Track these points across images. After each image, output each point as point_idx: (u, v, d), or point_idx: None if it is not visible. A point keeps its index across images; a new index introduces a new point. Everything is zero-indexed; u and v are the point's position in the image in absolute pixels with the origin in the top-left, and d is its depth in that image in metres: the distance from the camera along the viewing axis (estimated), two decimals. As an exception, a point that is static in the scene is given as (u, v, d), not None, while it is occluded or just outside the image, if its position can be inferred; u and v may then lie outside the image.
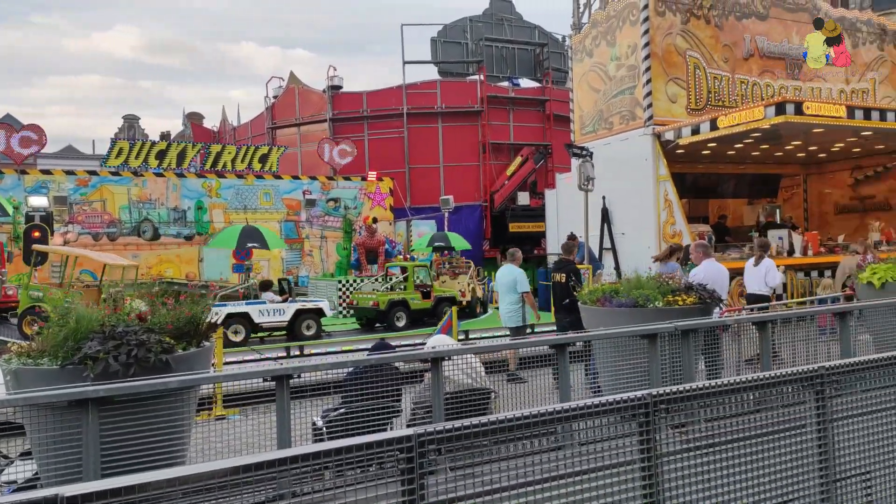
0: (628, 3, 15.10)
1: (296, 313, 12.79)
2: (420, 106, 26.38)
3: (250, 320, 12.33)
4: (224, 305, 12.27)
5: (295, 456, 1.97)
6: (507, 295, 9.52)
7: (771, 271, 9.73)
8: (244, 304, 12.70)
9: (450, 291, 16.15)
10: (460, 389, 4.89)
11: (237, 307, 12.42)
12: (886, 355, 3.47)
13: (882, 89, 17.58)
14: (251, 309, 12.45)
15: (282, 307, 12.74)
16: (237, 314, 12.18)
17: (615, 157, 15.04)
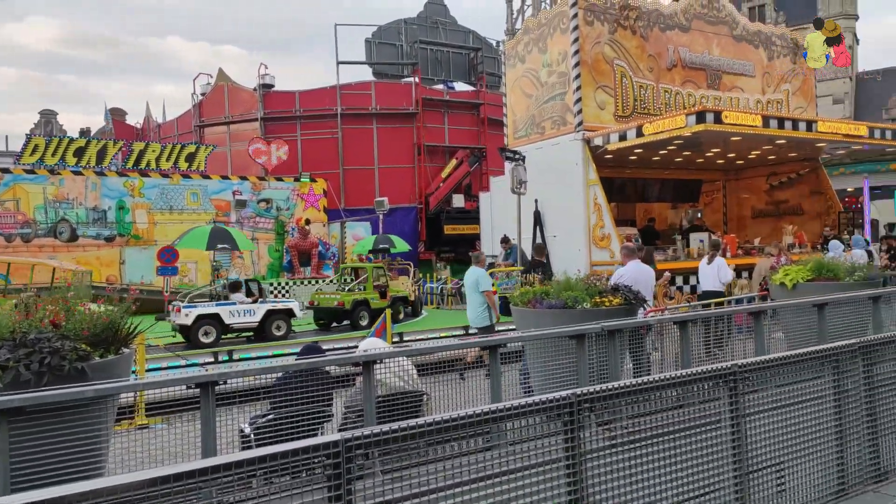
0: (559, 11, 15.45)
1: (266, 314, 12.87)
2: (354, 107, 26.17)
3: (221, 321, 12.34)
4: (194, 307, 12.25)
5: (217, 465, 1.92)
6: (473, 295, 9.70)
7: (723, 269, 10.47)
8: (214, 304, 12.62)
9: (403, 291, 16.42)
10: (393, 392, 4.88)
11: (207, 308, 12.37)
12: (795, 352, 3.68)
13: (794, 100, 18.64)
14: (222, 310, 12.43)
15: (252, 308, 12.76)
16: (207, 315, 12.18)
17: (547, 162, 15.34)
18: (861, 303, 7.11)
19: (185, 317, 11.96)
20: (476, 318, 9.69)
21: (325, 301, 14.89)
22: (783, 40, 18.72)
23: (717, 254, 10.81)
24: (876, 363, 3.92)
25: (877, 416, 3.90)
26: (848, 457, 3.73)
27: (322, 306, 14.87)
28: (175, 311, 12.21)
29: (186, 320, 11.97)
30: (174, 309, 12.37)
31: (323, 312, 14.98)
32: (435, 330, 13.59)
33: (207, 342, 11.96)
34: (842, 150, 16.82)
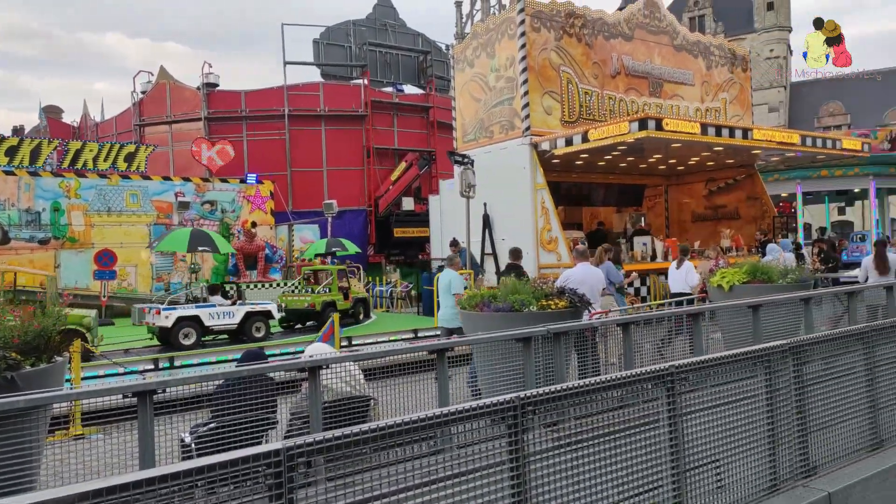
0: (506, 17, 15.63)
1: (245, 316, 13.05)
2: (302, 108, 25.84)
3: (201, 323, 12.47)
4: (174, 309, 12.35)
5: (153, 478, 1.86)
6: (446, 297, 9.78)
7: (690, 273, 10.98)
8: (194, 307, 12.68)
9: (362, 293, 16.88)
10: (339, 398, 4.84)
11: (188, 310, 12.45)
12: (729, 353, 3.82)
13: (732, 108, 19.35)
14: (202, 312, 12.55)
15: (231, 310, 12.93)
16: (188, 317, 12.31)
17: (496, 166, 15.48)
18: (793, 304, 7.42)
19: (166, 319, 12.08)
20: (448, 319, 9.81)
21: (294, 303, 15.13)
22: (721, 50, 19.42)
23: (686, 258, 11.28)
24: (805, 363, 4.11)
25: (806, 413, 4.08)
26: (779, 453, 3.89)
27: (292, 308, 15.11)
28: (155, 313, 12.24)
29: (167, 322, 12.07)
30: (153, 311, 12.35)
31: (292, 314, 15.22)
32: (384, 333, 13.54)
33: (188, 344, 12.06)
34: (776, 156, 17.55)
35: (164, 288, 20.97)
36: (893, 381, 4.91)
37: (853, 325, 5.68)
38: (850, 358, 4.62)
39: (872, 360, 4.62)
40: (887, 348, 4.87)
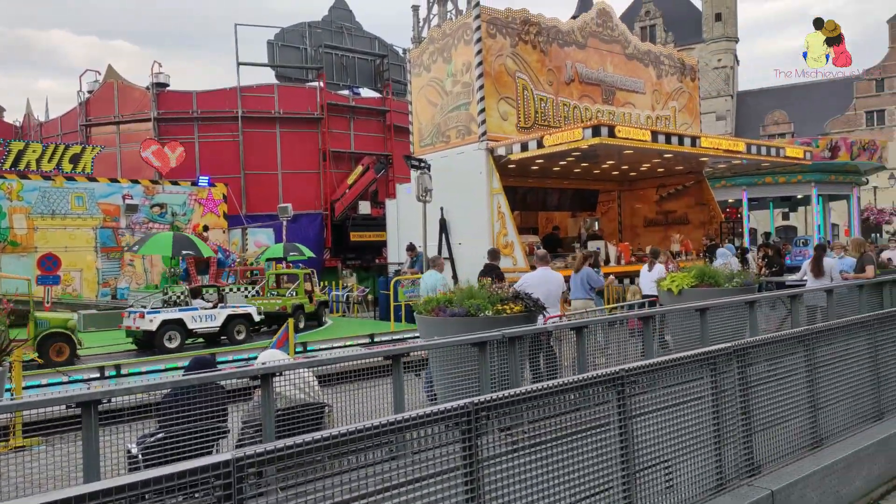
0: (463, 23, 15.72)
1: (227, 318, 13.24)
2: (256, 110, 25.46)
3: (184, 326, 12.59)
4: (158, 312, 12.46)
5: (95, 492, 1.81)
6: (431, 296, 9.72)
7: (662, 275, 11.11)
8: (178, 310, 12.79)
9: (324, 297, 17.35)
10: (293, 405, 4.77)
11: (172, 314, 12.58)
12: (676, 356, 3.92)
13: (681, 117, 19.87)
14: (185, 315, 12.68)
15: (213, 313, 13.10)
16: (172, 321, 12.44)
17: (452, 170, 15.53)
18: (739, 307, 7.66)
19: (150, 322, 12.18)
20: None
21: (266, 306, 15.41)
22: (671, 60, 19.93)
23: (657, 262, 11.59)
24: (749, 364, 4.24)
25: (750, 413, 4.21)
26: (725, 453, 4.01)
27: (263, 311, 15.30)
28: (139, 317, 12.37)
29: (151, 326, 12.16)
30: (136, 315, 12.44)
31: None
32: (340, 339, 13.43)
33: (172, 347, 12.25)
34: (723, 164, 18.08)
35: (110, 293, 20.36)
36: (832, 381, 5.11)
37: (795, 328, 5.90)
38: (791, 359, 4.80)
39: (812, 362, 4.81)
40: (826, 350, 5.07)
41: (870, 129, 56.30)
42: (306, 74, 28.37)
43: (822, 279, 10.13)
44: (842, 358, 5.33)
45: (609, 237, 19.12)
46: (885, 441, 5.19)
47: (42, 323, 11.13)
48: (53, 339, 11.04)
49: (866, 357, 5.61)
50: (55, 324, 11.22)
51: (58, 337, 11.09)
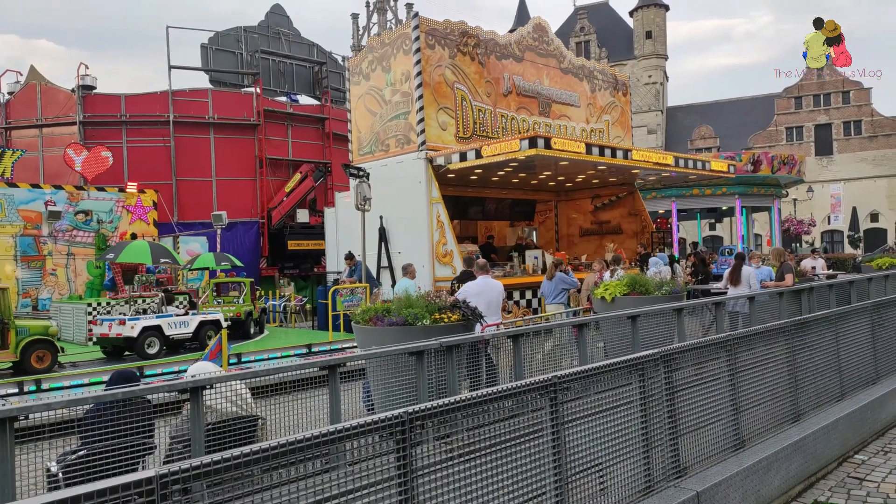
0: (402, 33, 15.78)
1: (199, 324, 13.55)
2: (188, 115, 24.74)
3: (162, 332, 12.86)
4: (138, 319, 12.72)
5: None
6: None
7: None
8: (155, 317, 13.09)
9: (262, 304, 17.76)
10: (224, 419, 4.65)
11: (151, 320, 12.86)
12: (607, 362, 4.03)
13: (614, 130, 20.50)
14: (163, 322, 12.97)
15: (186, 319, 13.44)
16: (151, 327, 12.72)
17: (392, 179, 15.52)
18: (667, 314, 7.94)
19: (131, 329, 12.43)
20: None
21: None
22: (604, 75, 20.56)
23: (619, 267, 12.00)
24: (675, 370, 4.40)
25: (677, 417, 4.37)
26: (653, 456, 4.14)
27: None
28: (119, 324, 12.55)
29: (132, 332, 12.43)
30: (117, 322, 12.59)
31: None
32: (276, 349, 13.16)
33: (152, 353, 12.56)
34: (653, 176, 18.75)
35: (31, 304, 19.34)
36: (753, 385, 5.36)
37: (719, 334, 6.15)
38: (715, 364, 5.00)
39: (734, 367, 5.03)
40: (747, 355, 5.31)
41: (789, 144, 59.53)
42: (242, 80, 27.78)
43: (740, 287, 10.62)
44: (762, 362, 5.59)
45: (546, 246, 19.49)
46: (801, 441, 5.46)
47: (22, 330, 11.19)
48: (35, 346, 11.14)
49: (784, 361, 5.91)
50: (35, 331, 11.31)
51: (39, 344, 11.18)
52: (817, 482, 5.73)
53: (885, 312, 8.23)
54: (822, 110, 60.76)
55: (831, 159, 59.83)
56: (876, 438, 7.02)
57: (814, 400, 6.28)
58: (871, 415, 6.99)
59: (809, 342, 6.36)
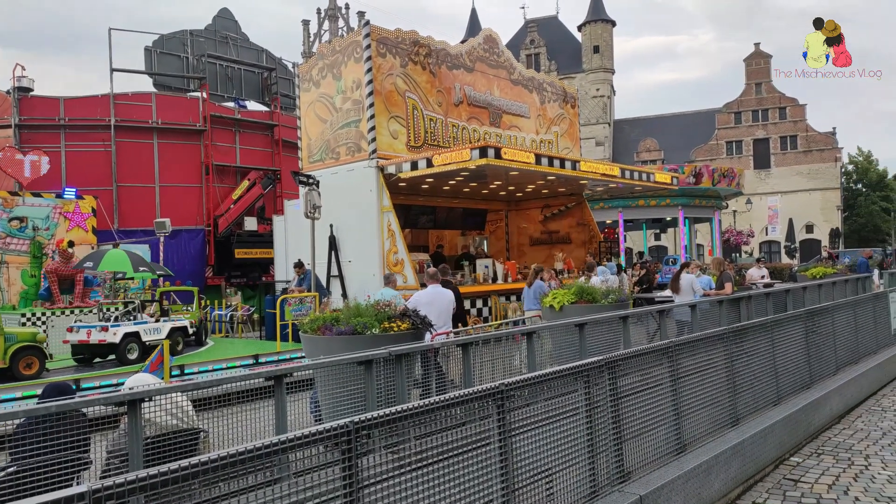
0: (353, 41, 15.72)
1: (171, 331, 13.83)
2: (131, 119, 24.02)
3: (139, 338, 13.07)
4: (119, 325, 12.92)
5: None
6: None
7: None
8: (133, 323, 13.27)
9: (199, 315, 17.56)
10: (164, 432, 4.50)
11: (131, 327, 13.07)
12: (553, 370, 4.08)
13: (563, 141, 20.86)
14: (140, 328, 13.24)
15: (159, 326, 13.71)
16: (131, 334, 12.94)
17: (342, 187, 15.40)
18: (613, 322, 8.10)
19: (114, 335, 12.67)
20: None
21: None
22: (553, 87, 20.93)
23: (592, 274, 12.24)
24: (619, 376, 4.49)
25: (621, 422, 4.45)
26: (598, 461, 4.20)
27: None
28: (103, 330, 12.74)
29: (115, 339, 12.65)
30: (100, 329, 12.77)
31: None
32: (221, 360, 12.84)
33: (132, 359, 12.74)
34: (601, 187, 19.14)
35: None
36: (694, 390, 5.51)
37: (661, 341, 6.31)
38: (658, 371, 5.13)
39: (676, 373, 5.16)
40: (688, 361, 5.47)
41: (729, 157, 61.78)
42: (187, 84, 27.15)
43: (682, 295, 10.95)
44: (703, 368, 5.76)
45: (497, 255, 19.64)
46: (739, 445, 5.64)
47: (10, 337, 11.35)
48: (24, 352, 11.35)
49: (724, 367, 6.10)
50: (23, 338, 11.51)
51: (28, 351, 11.41)
52: (755, 484, 5.93)
53: (818, 319, 8.59)
54: (761, 125, 63.33)
55: (769, 172, 62.38)
56: (810, 441, 7.31)
57: (752, 404, 6.49)
58: (806, 418, 7.28)
59: (747, 348, 6.59)
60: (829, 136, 62.28)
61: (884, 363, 10.23)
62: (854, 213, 69.16)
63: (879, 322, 10.98)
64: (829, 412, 7.96)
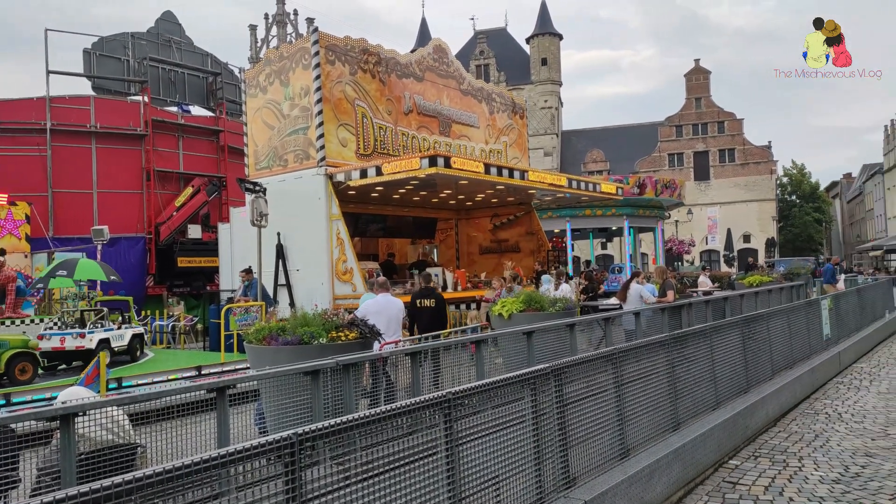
0: (301, 47, 15.56)
1: (132, 337, 14.34)
2: (68, 123, 23.12)
3: (109, 344, 13.42)
4: (93, 332, 13.30)
5: None
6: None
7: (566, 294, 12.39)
8: (104, 330, 13.60)
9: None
10: (99, 448, 4.32)
11: (102, 333, 13.44)
12: (500, 377, 4.10)
13: (511, 151, 21.12)
14: (110, 335, 13.67)
15: (122, 333, 14.16)
16: (103, 340, 13.31)
17: (290, 195, 15.19)
18: (560, 330, 8.21)
19: (90, 342, 13.05)
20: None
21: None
22: (502, 98, 21.19)
23: (563, 282, 12.43)
24: (565, 383, 4.55)
25: (567, 429, 4.51)
26: (544, 468, 4.24)
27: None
28: (80, 336, 13.07)
29: (91, 344, 13.01)
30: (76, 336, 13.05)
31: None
32: (162, 372, 12.42)
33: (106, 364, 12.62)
34: (549, 196, 19.44)
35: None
36: (637, 396, 5.63)
37: (606, 348, 6.43)
38: (603, 377, 5.22)
39: (620, 379, 5.27)
40: (632, 368, 5.58)
41: (672, 169, 63.74)
42: (128, 87, 26.32)
43: (629, 305, 11.21)
44: (645, 375, 5.90)
45: (447, 264, 19.69)
46: (680, 449, 5.79)
47: (3, 344, 11.59)
48: (18, 358, 11.62)
49: (665, 373, 6.26)
50: (15, 344, 11.76)
51: (22, 357, 11.69)
52: (696, 487, 6.09)
53: (754, 326, 8.92)
54: (701, 138, 65.60)
55: (708, 184, 64.63)
56: (748, 444, 7.56)
57: (692, 409, 6.68)
58: (744, 421, 7.53)
59: (688, 354, 6.78)
60: (764, 149, 65.01)
61: (816, 368, 10.68)
62: (789, 223, 72.31)
63: (812, 328, 11.48)
64: (766, 416, 8.26)
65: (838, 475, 6.35)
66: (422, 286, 10.95)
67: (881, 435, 7.79)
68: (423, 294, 10.49)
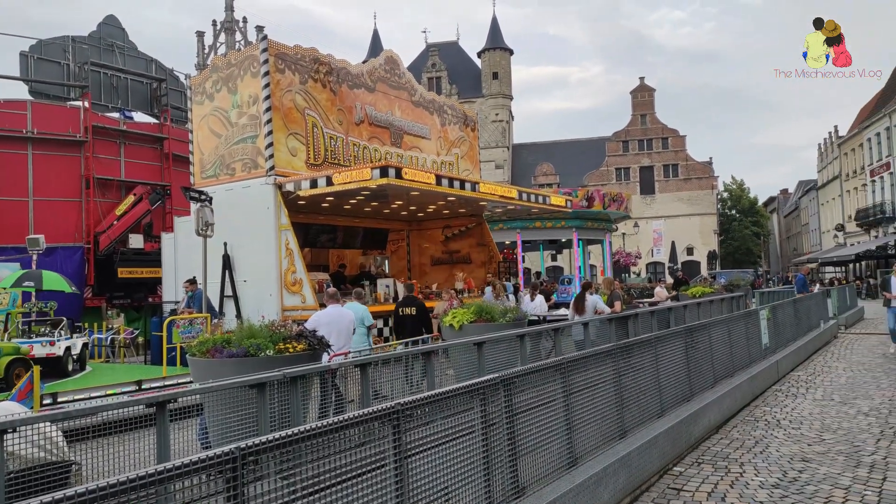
0: (249, 54, 15.32)
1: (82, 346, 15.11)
2: (3, 128, 22.16)
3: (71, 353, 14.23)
4: (60, 340, 14.02)
5: None
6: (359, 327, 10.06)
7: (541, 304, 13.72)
8: (66, 339, 14.29)
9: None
10: (30, 466, 4.12)
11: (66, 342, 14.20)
12: (449, 388, 4.09)
13: (463, 163, 21.24)
14: (69, 343, 14.35)
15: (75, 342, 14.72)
16: (68, 347, 14.15)
17: (238, 204, 14.88)
18: (511, 340, 8.27)
19: (59, 349, 13.78)
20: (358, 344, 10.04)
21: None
22: (454, 110, 21.32)
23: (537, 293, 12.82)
24: (514, 393, 4.57)
25: (516, 439, 4.52)
26: (494, 478, 4.24)
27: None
28: (50, 344, 13.72)
29: (59, 351, 13.75)
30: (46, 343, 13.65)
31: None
32: (100, 387, 11.93)
33: (71, 370, 14.01)
34: (500, 208, 19.61)
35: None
36: (585, 405, 5.70)
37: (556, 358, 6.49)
38: (552, 387, 5.26)
39: (568, 388, 5.32)
40: (579, 377, 5.65)
41: (619, 183, 65.31)
42: (67, 92, 25.41)
43: (586, 316, 11.36)
44: (593, 384, 5.97)
45: (398, 275, 19.61)
46: (626, 457, 5.88)
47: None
48: (14, 365, 12.07)
49: (612, 382, 6.36)
50: (8, 351, 12.21)
51: (17, 363, 12.13)
52: (641, 494, 6.18)
53: (697, 335, 9.16)
54: (646, 154, 67.50)
55: (653, 198, 66.46)
56: (691, 451, 7.74)
57: (638, 417, 6.80)
58: (687, 429, 7.71)
59: (634, 364, 6.91)
60: (706, 165, 67.32)
61: (756, 376, 11.04)
62: (729, 236, 74.92)
63: (751, 338, 11.87)
64: (708, 423, 8.48)
65: (777, 480, 6.56)
66: (404, 295, 11.97)
67: (817, 440, 8.09)
68: (405, 303, 11.41)
